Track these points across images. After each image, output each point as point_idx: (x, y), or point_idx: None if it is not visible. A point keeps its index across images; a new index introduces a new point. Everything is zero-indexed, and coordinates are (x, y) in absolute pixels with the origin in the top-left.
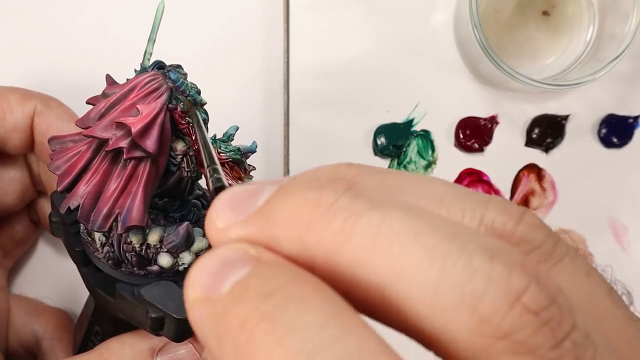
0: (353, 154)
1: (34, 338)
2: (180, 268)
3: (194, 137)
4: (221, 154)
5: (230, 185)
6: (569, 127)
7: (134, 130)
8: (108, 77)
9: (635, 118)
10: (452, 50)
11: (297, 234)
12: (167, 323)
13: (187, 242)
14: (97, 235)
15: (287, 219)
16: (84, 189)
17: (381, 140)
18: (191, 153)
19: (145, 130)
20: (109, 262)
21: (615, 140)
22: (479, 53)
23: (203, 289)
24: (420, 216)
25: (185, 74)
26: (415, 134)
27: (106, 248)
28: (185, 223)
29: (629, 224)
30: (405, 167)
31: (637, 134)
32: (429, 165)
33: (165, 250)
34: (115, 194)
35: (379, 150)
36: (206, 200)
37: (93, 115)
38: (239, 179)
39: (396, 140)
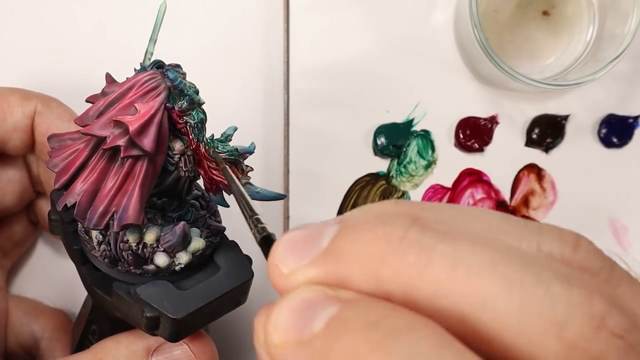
0: (353, 154)
1: (33, 338)
2: (177, 268)
3: (191, 137)
4: (219, 154)
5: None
6: (569, 127)
7: (131, 128)
8: (108, 76)
9: (635, 118)
10: (452, 50)
11: (371, 269)
12: (162, 323)
13: (184, 242)
14: (94, 233)
15: (358, 256)
16: (81, 186)
17: (381, 140)
18: (189, 152)
19: (143, 128)
20: (106, 260)
21: (615, 140)
22: (479, 53)
23: (291, 331)
24: (489, 246)
25: (184, 74)
26: (415, 134)
27: (103, 246)
28: (182, 223)
29: (629, 224)
30: (405, 167)
31: (637, 134)
32: (429, 165)
33: (162, 249)
34: (111, 192)
35: (379, 150)
36: (204, 201)
37: (92, 113)
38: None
39: (396, 140)
